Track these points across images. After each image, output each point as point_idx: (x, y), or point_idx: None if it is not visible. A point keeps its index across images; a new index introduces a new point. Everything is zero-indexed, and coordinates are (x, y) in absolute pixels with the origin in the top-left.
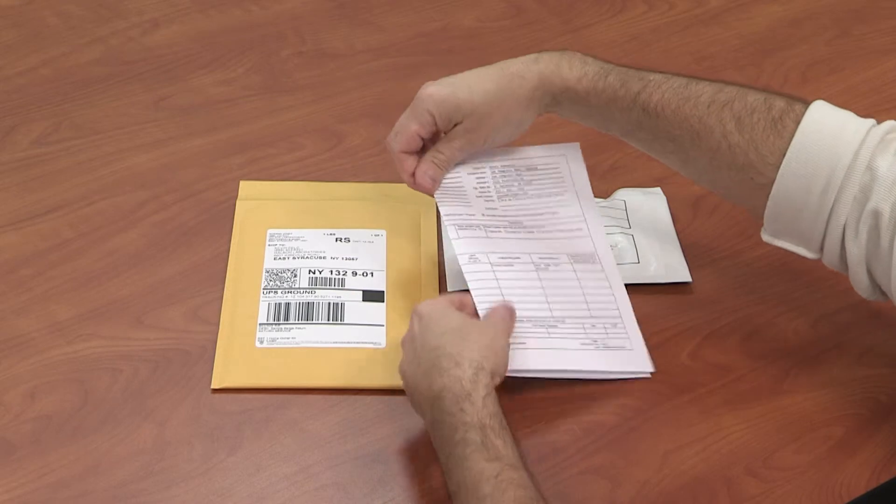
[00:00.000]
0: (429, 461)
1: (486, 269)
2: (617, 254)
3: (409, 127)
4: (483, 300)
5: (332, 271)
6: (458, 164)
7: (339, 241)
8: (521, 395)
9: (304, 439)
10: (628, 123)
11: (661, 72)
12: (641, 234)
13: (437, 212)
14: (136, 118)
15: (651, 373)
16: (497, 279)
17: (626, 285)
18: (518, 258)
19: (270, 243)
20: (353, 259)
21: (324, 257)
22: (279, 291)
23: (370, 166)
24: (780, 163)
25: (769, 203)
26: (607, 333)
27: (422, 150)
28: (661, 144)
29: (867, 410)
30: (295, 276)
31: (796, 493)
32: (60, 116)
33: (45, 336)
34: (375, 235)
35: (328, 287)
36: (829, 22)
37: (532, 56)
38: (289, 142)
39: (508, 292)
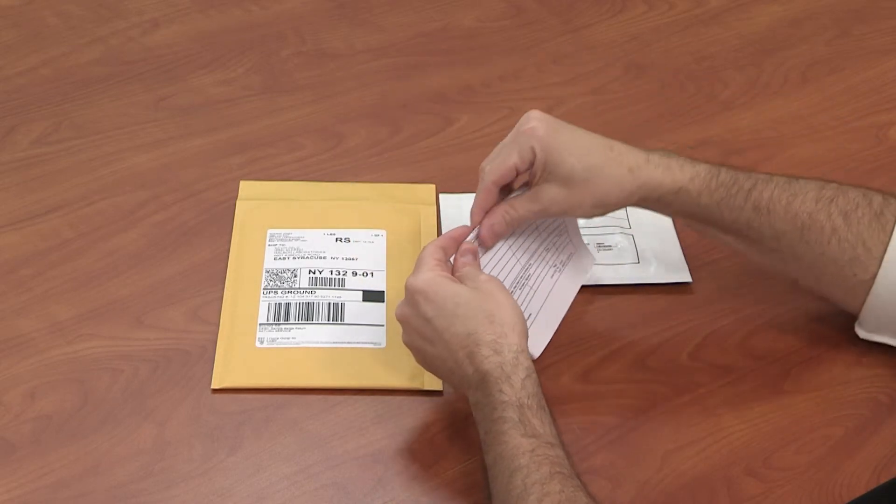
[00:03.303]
0: (429, 461)
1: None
2: (617, 254)
3: (509, 159)
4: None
5: (332, 271)
6: None
7: (339, 241)
8: None
9: (304, 439)
10: (736, 223)
11: (761, 172)
12: (641, 234)
13: (437, 212)
14: (136, 118)
15: (594, 263)
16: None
17: (626, 285)
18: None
19: (270, 243)
20: (353, 259)
21: (324, 257)
22: (279, 291)
23: (370, 166)
24: (883, 256)
25: (870, 297)
26: (556, 247)
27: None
28: (766, 244)
29: (867, 410)
30: (295, 276)
31: (796, 493)
32: (60, 116)
33: (45, 336)
34: (375, 235)
35: (328, 287)
36: (829, 22)
37: (643, 153)
38: (289, 142)
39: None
